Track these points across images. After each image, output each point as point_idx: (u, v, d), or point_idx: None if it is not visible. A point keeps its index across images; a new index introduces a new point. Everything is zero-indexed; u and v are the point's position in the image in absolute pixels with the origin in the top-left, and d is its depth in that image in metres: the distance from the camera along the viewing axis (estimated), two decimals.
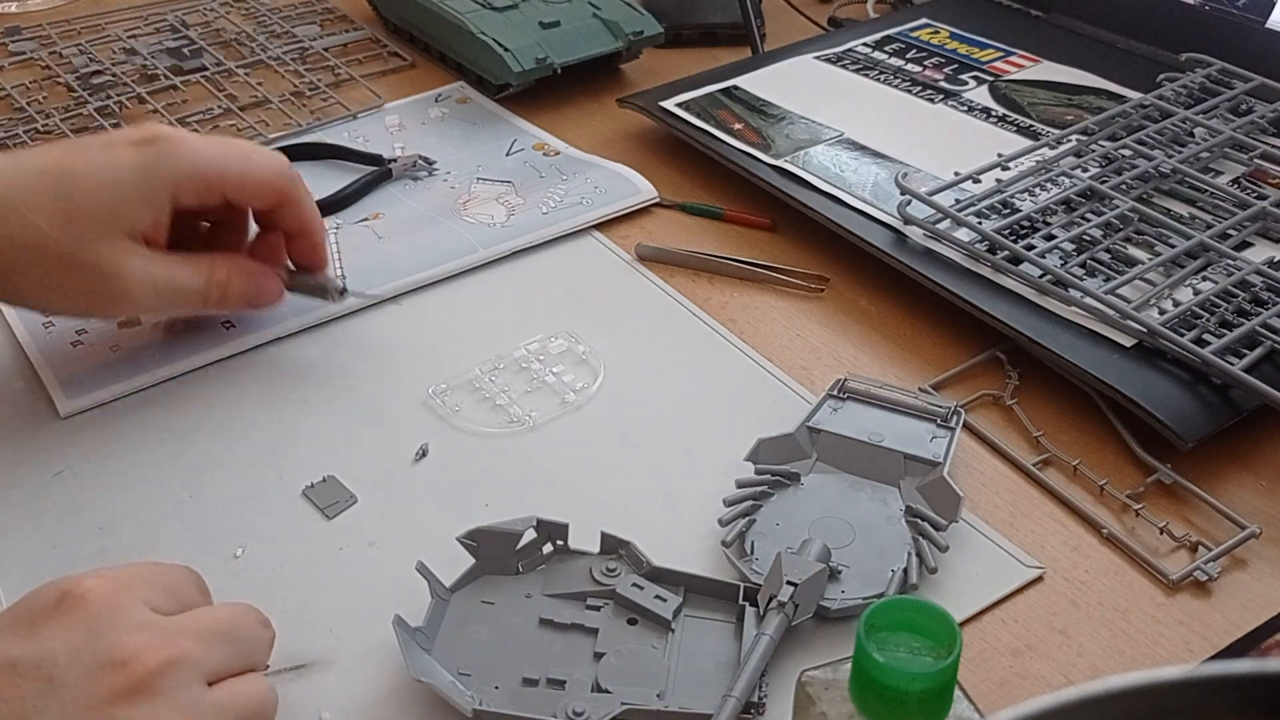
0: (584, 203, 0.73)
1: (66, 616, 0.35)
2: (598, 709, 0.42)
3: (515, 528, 0.47)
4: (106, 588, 0.36)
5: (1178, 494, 0.53)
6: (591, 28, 0.85)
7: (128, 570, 0.39)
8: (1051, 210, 0.66)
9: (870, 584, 0.47)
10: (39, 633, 0.35)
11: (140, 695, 0.35)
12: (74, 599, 0.35)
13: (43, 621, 0.35)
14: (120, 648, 0.35)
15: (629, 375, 0.60)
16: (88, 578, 0.37)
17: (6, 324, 0.64)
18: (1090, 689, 0.19)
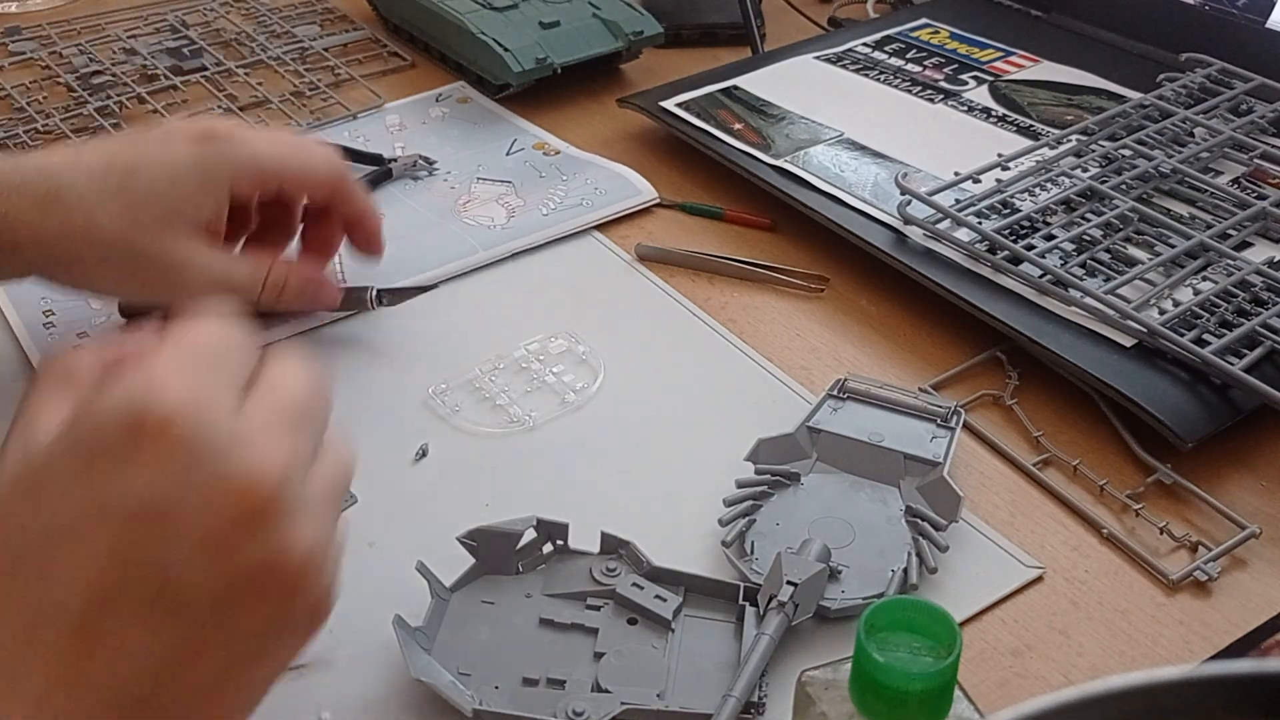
0: (584, 204, 0.73)
1: (156, 445, 0.31)
2: (598, 709, 0.42)
3: (515, 528, 0.47)
4: (183, 403, 0.31)
5: (1178, 494, 0.53)
6: (591, 28, 0.85)
7: (181, 366, 0.33)
8: (1051, 210, 0.66)
9: (870, 584, 0.47)
10: (128, 470, 0.31)
11: (263, 520, 0.32)
12: (157, 427, 0.31)
13: (131, 456, 0.31)
14: (230, 473, 0.31)
15: (629, 375, 0.60)
16: (153, 393, 0.31)
17: (7, 324, 0.64)
18: (1090, 689, 0.19)
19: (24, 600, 0.30)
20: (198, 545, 0.31)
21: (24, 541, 0.31)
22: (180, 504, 0.31)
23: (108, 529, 0.31)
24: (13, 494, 0.32)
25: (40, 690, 0.30)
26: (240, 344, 0.35)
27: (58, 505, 0.31)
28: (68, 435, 0.32)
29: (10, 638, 0.30)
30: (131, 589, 0.31)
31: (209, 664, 0.32)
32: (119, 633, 0.31)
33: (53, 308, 0.65)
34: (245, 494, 0.31)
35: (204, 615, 0.31)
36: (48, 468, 0.32)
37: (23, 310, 0.64)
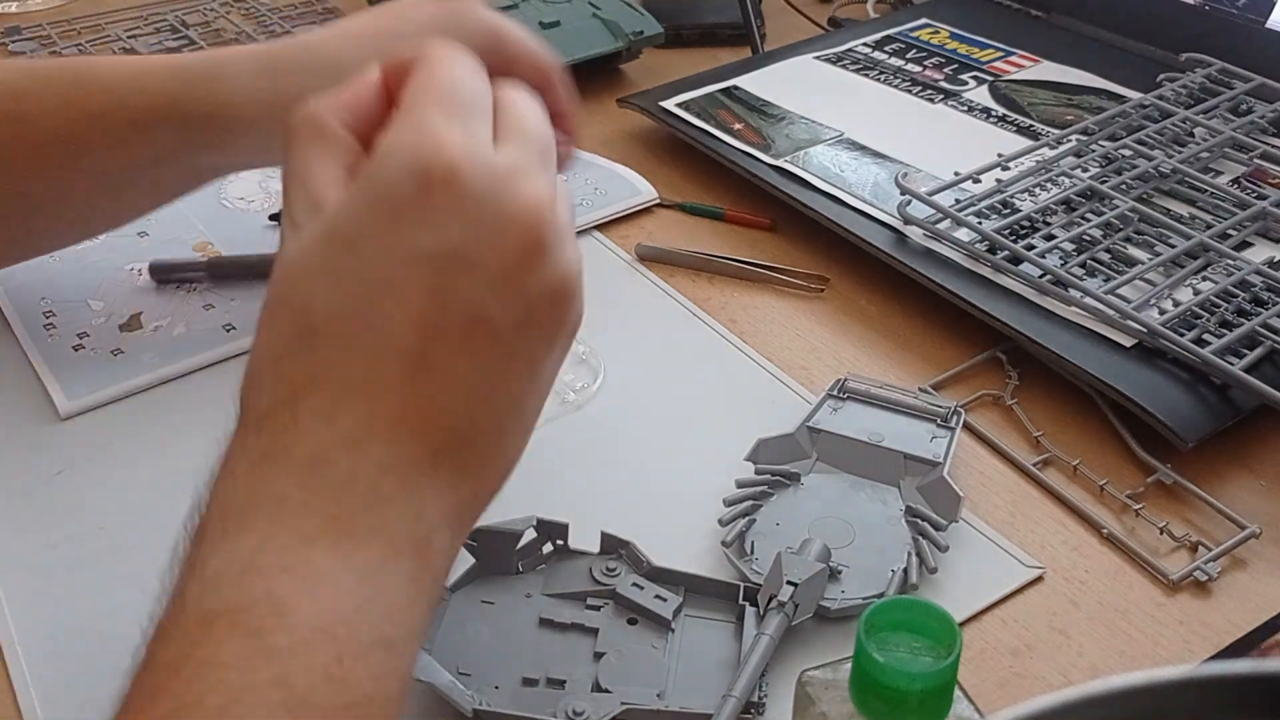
0: (584, 204, 0.73)
1: (447, 195, 0.34)
2: (598, 709, 0.42)
3: (515, 528, 0.47)
4: (461, 153, 0.34)
5: (1178, 494, 0.53)
6: (591, 28, 0.85)
7: (447, 114, 0.35)
8: (1051, 210, 0.66)
9: (870, 584, 0.47)
10: (431, 217, 0.34)
11: (543, 247, 0.35)
12: (444, 178, 0.34)
13: (425, 206, 0.34)
14: (515, 209, 0.35)
15: (629, 375, 0.60)
16: (433, 147, 0.34)
17: (6, 324, 0.64)
18: (1090, 689, 0.19)
19: (365, 342, 0.34)
20: (498, 278, 0.35)
21: (355, 291, 0.34)
22: (477, 243, 0.34)
23: (423, 273, 0.34)
24: (330, 252, 0.35)
25: (393, 419, 0.34)
26: (482, 81, 0.38)
27: (375, 256, 0.34)
28: (364, 195, 0.35)
29: (360, 378, 0.34)
30: (451, 322, 0.34)
31: (515, 384, 0.36)
32: (447, 359, 0.34)
33: (53, 308, 0.65)
34: (527, 227, 0.35)
35: (510, 339, 0.35)
36: (355, 225, 0.34)
37: (23, 310, 0.64)
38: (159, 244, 0.70)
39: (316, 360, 0.34)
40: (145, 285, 0.67)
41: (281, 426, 0.34)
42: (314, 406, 0.34)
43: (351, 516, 0.33)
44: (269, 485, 0.33)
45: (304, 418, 0.34)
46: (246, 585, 0.31)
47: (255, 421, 0.34)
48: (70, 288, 0.66)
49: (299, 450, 0.33)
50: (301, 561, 0.32)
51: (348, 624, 0.32)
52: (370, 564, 0.33)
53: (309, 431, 0.33)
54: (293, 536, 0.32)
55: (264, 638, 0.30)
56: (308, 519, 0.33)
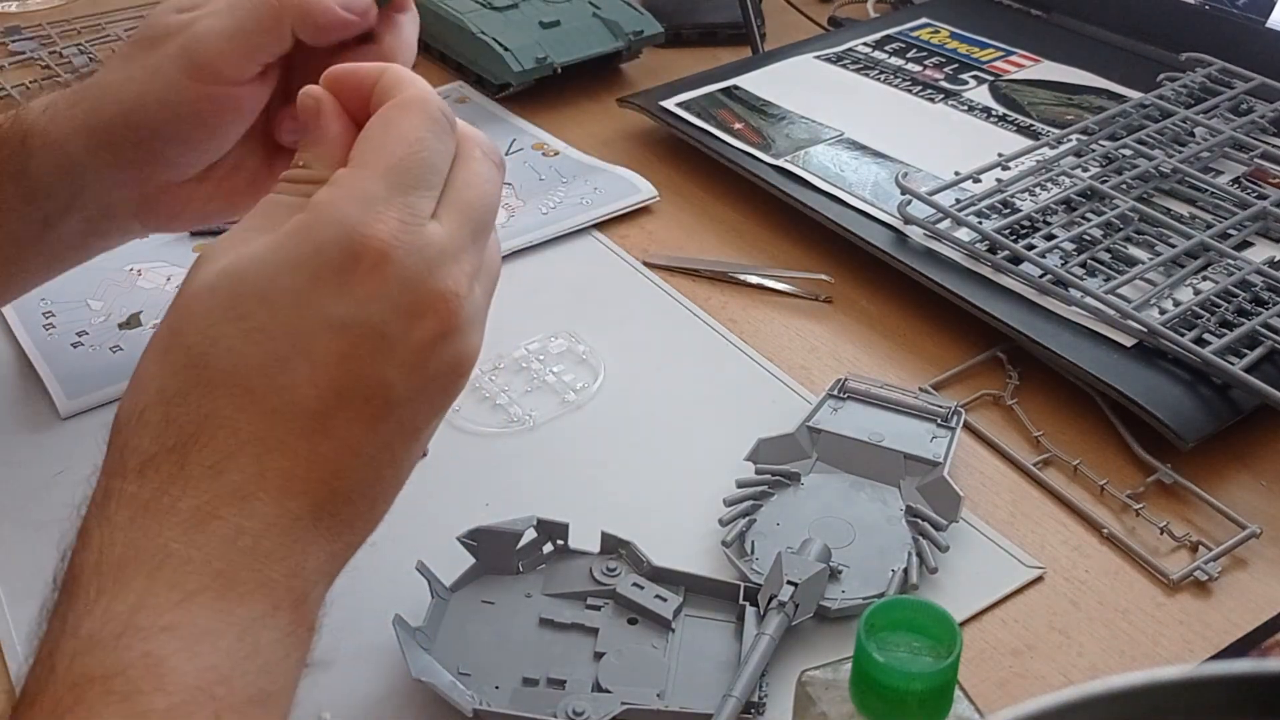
0: (584, 203, 0.73)
1: (374, 274, 0.35)
2: (598, 709, 0.42)
3: (515, 528, 0.47)
4: (395, 237, 0.35)
5: (1178, 494, 0.53)
6: (591, 27, 0.85)
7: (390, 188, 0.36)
8: (1052, 210, 0.66)
9: (870, 584, 0.47)
10: (353, 291, 0.34)
11: (454, 330, 0.36)
12: (375, 257, 0.34)
13: (350, 280, 0.34)
14: (432, 295, 0.36)
15: (629, 375, 0.60)
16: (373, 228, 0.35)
17: (6, 324, 0.64)
18: (1090, 689, 0.19)
19: (265, 398, 0.34)
20: (406, 356, 0.35)
21: (263, 345, 0.34)
22: (394, 323, 0.35)
23: (336, 341, 0.34)
24: (241, 299, 0.35)
25: (283, 476, 0.34)
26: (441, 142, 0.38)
27: (289, 315, 0.34)
28: (289, 251, 0.35)
29: (254, 434, 0.34)
30: (356, 392, 0.35)
31: (399, 448, 0.37)
32: (345, 426, 0.35)
33: (52, 308, 0.65)
34: (443, 311, 0.36)
35: (405, 410, 0.36)
36: (272, 279, 0.35)
37: (22, 310, 0.64)
38: (159, 244, 0.70)
39: (211, 409, 0.34)
40: (145, 284, 0.67)
41: (167, 477, 0.33)
42: (203, 458, 0.33)
43: (235, 572, 0.33)
44: (150, 538, 0.32)
45: (192, 468, 0.33)
46: (123, 647, 0.31)
47: (137, 467, 0.34)
48: (69, 287, 0.66)
49: (184, 503, 0.33)
50: (182, 619, 0.31)
51: (226, 681, 0.31)
52: (251, 620, 0.33)
53: (196, 483, 0.33)
54: (174, 593, 0.32)
55: (139, 700, 0.30)
56: (190, 575, 0.32)
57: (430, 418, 0.38)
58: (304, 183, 0.39)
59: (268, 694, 0.33)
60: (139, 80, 0.48)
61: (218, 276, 0.35)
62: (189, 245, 0.70)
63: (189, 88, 0.47)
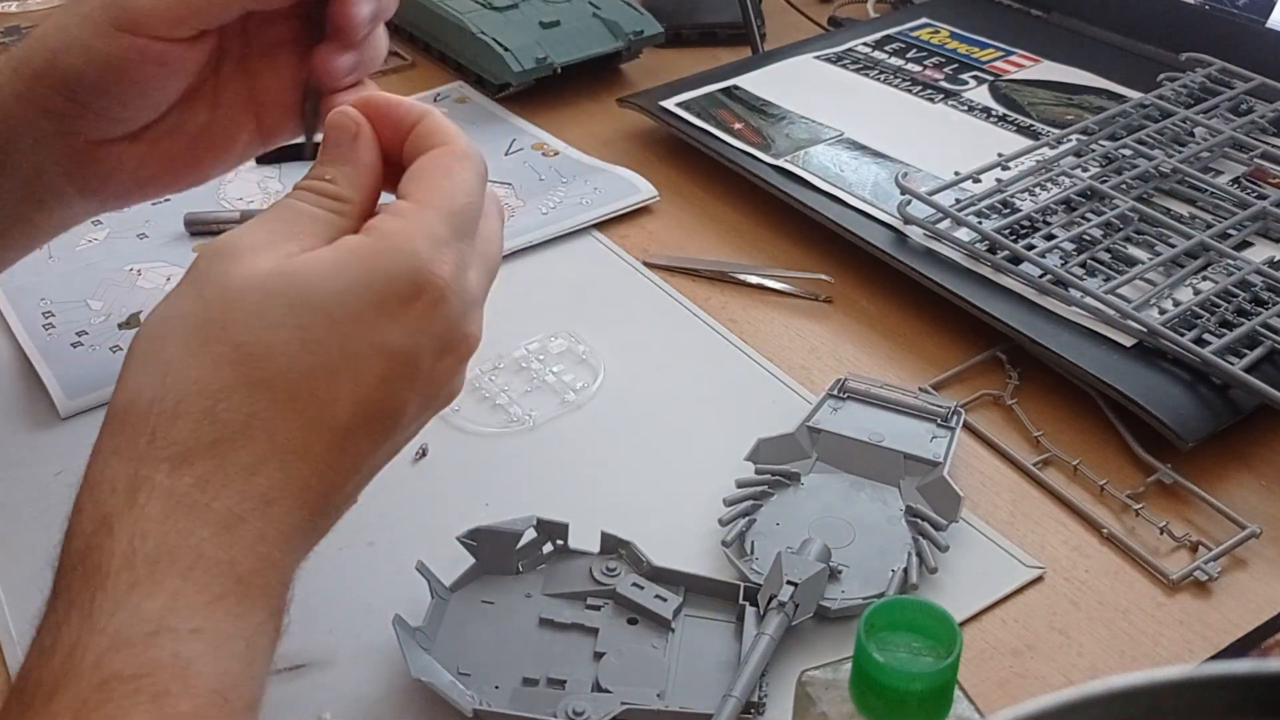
0: (584, 203, 0.73)
1: (431, 311, 0.37)
2: (598, 709, 0.42)
3: (515, 528, 0.47)
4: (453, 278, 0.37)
5: (1178, 494, 0.53)
6: (591, 27, 0.85)
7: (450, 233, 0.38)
8: (1051, 210, 0.66)
9: (870, 584, 0.47)
10: (409, 322, 0.36)
11: (462, 366, 0.40)
12: (436, 295, 0.37)
13: (410, 310, 0.36)
14: (461, 337, 0.38)
15: (629, 375, 0.60)
16: (440, 268, 0.37)
17: (6, 324, 0.64)
18: (1090, 689, 0.19)
19: (307, 408, 0.35)
20: (426, 385, 0.38)
21: (320, 359, 0.35)
22: (428, 355, 0.37)
23: (381, 364, 0.36)
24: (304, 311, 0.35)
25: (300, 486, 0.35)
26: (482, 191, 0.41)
27: (349, 334, 0.36)
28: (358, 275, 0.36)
29: (288, 441, 0.35)
30: (380, 412, 0.37)
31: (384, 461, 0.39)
32: (359, 443, 0.36)
33: (52, 308, 0.65)
34: (462, 352, 0.39)
35: (403, 436, 0.39)
36: (339, 298, 0.36)
37: (22, 310, 0.64)
38: (159, 244, 0.70)
39: (254, 410, 0.34)
40: (145, 284, 0.67)
41: (204, 474, 0.33)
42: (240, 459, 0.34)
43: (251, 579, 0.33)
44: (186, 537, 0.33)
45: (229, 468, 0.34)
46: (155, 646, 0.31)
47: (172, 459, 0.33)
48: (69, 288, 0.66)
49: (219, 504, 0.33)
50: (208, 623, 0.32)
51: (236, 687, 0.32)
52: (257, 626, 0.33)
53: (232, 484, 0.33)
54: (203, 595, 0.32)
55: (167, 702, 0.30)
56: (219, 578, 0.33)
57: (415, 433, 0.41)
58: (329, 197, 0.40)
59: (258, 700, 0.33)
60: (70, 27, 0.47)
61: (271, 279, 0.36)
62: (189, 245, 0.70)
63: (115, 38, 0.45)
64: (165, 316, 0.37)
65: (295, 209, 0.39)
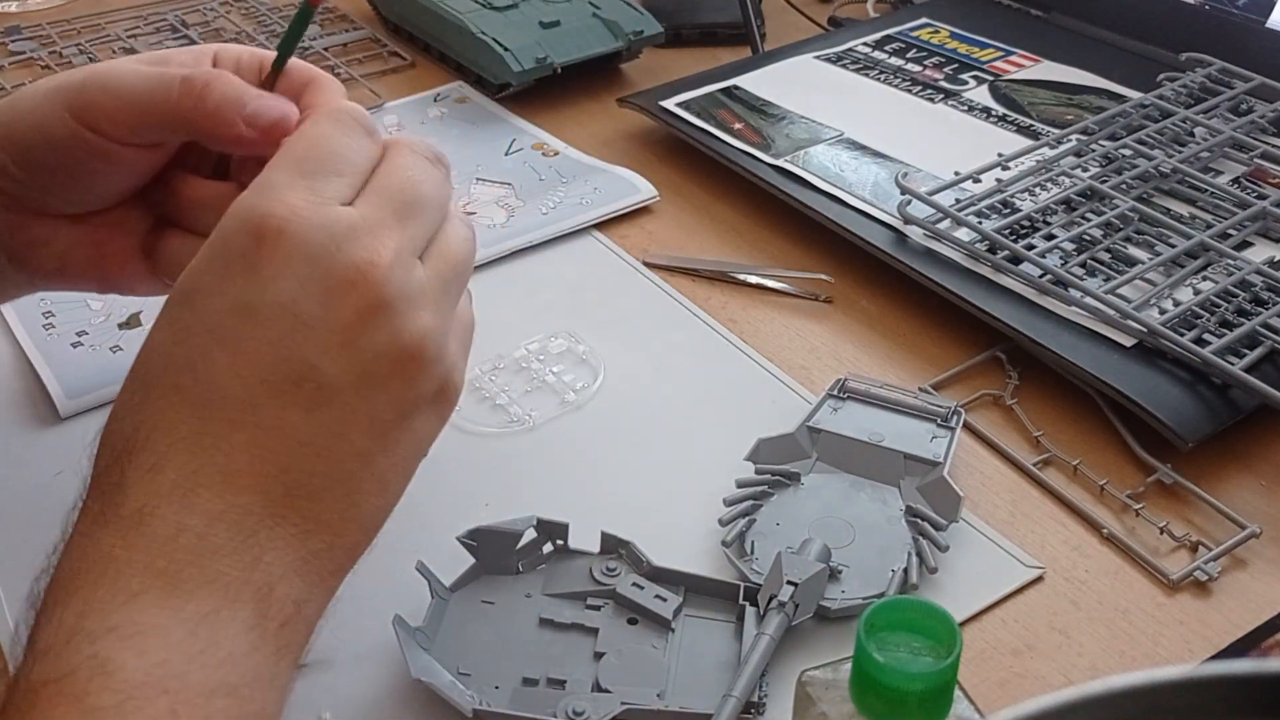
0: (584, 203, 0.73)
1: (276, 251, 0.35)
2: (598, 709, 0.42)
3: (515, 528, 0.47)
4: (293, 209, 0.35)
5: (1178, 494, 0.53)
6: (591, 27, 0.85)
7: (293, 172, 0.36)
8: (1051, 210, 0.66)
9: (870, 584, 0.47)
10: (259, 274, 0.35)
11: (379, 308, 0.35)
12: (274, 234, 0.35)
13: (255, 262, 0.35)
14: (344, 268, 0.35)
15: (629, 375, 0.60)
16: (271, 206, 0.35)
17: (6, 324, 0.64)
18: (1090, 689, 0.19)
19: (194, 393, 0.35)
20: (329, 336, 0.35)
21: (187, 342, 0.35)
22: (307, 300, 0.35)
23: (252, 326, 0.35)
24: (171, 306, 0.36)
25: (223, 469, 0.34)
26: (354, 139, 0.38)
27: (207, 308, 0.35)
28: (205, 251, 0.36)
29: (187, 429, 0.34)
30: (281, 377, 0.35)
31: (357, 442, 0.36)
32: (276, 413, 0.35)
33: (52, 308, 0.65)
34: (358, 285, 0.35)
35: (347, 398, 0.36)
36: (193, 279, 0.36)
37: (22, 310, 0.64)
38: None
39: (147, 413, 0.35)
40: None
41: (113, 484, 0.34)
42: (142, 461, 0.34)
43: (179, 569, 0.33)
44: (96, 545, 0.33)
45: (131, 473, 0.34)
46: (71, 650, 0.32)
47: (95, 483, 0.35)
48: None
49: (125, 507, 0.34)
50: (126, 620, 0.32)
51: (180, 676, 0.32)
52: (202, 614, 0.33)
53: (135, 486, 0.34)
54: (118, 595, 0.32)
55: (87, 699, 0.31)
56: (133, 576, 0.33)
57: (395, 413, 0.37)
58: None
59: (233, 686, 0.33)
60: (35, 99, 0.46)
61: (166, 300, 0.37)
62: None
63: (68, 124, 0.45)
64: None
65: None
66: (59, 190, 0.47)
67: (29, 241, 0.49)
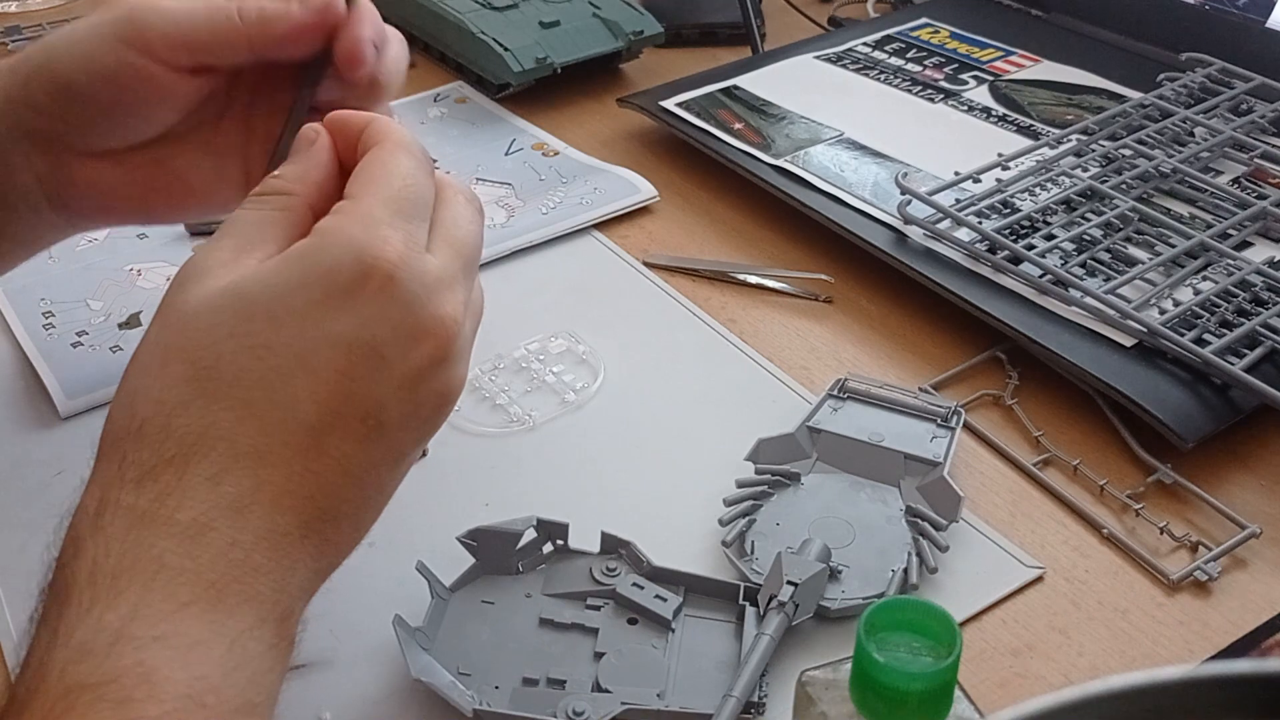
0: (584, 203, 0.73)
1: (380, 294, 0.36)
2: (598, 709, 0.42)
3: (515, 528, 0.47)
4: (401, 258, 0.36)
5: (1178, 494, 0.53)
6: (591, 27, 0.85)
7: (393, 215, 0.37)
8: (1052, 210, 0.66)
9: (870, 584, 0.47)
10: (359, 310, 0.36)
11: (446, 359, 0.38)
12: (383, 278, 0.36)
13: (358, 298, 0.36)
14: (429, 319, 0.37)
15: (629, 375, 0.60)
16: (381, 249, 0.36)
17: (6, 324, 0.64)
18: (1090, 689, 0.19)
19: (266, 411, 0.35)
20: (402, 379, 0.37)
21: (268, 360, 0.35)
22: (393, 344, 0.36)
23: (338, 358, 0.35)
24: (248, 316, 0.35)
25: (277, 490, 0.35)
26: (428, 178, 0.40)
27: (296, 332, 0.35)
28: (298, 272, 0.36)
29: (253, 446, 0.34)
30: (351, 410, 0.36)
31: (385, 471, 0.38)
32: (339, 444, 0.36)
33: (52, 308, 0.65)
34: (439, 339, 0.37)
35: (394, 433, 0.37)
36: (281, 298, 0.35)
37: (22, 310, 0.64)
38: (159, 244, 0.70)
39: (211, 420, 0.34)
40: (145, 284, 0.67)
41: (165, 487, 0.34)
42: (202, 469, 0.34)
43: (226, 584, 0.33)
44: (147, 549, 0.33)
45: (190, 479, 0.34)
46: (116, 655, 0.31)
47: (136, 479, 0.34)
48: (69, 288, 0.66)
49: (182, 514, 0.33)
50: (174, 629, 0.32)
51: (216, 691, 0.32)
52: (240, 632, 0.33)
53: (194, 495, 0.34)
54: (167, 603, 0.32)
55: (131, 708, 0.30)
56: (184, 586, 0.33)
57: (415, 445, 0.39)
58: (272, 194, 0.40)
59: (254, 704, 0.33)
60: (77, 34, 0.47)
61: (222, 296, 0.36)
62: (189, 245, 0.70)
63: (119, 52, 0.45)
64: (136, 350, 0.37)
65: (243, 220, 0.39)
66: (102, 125, 0.47)
67: (71, 185, 0.49)
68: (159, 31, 0.45)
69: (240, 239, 0.38)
